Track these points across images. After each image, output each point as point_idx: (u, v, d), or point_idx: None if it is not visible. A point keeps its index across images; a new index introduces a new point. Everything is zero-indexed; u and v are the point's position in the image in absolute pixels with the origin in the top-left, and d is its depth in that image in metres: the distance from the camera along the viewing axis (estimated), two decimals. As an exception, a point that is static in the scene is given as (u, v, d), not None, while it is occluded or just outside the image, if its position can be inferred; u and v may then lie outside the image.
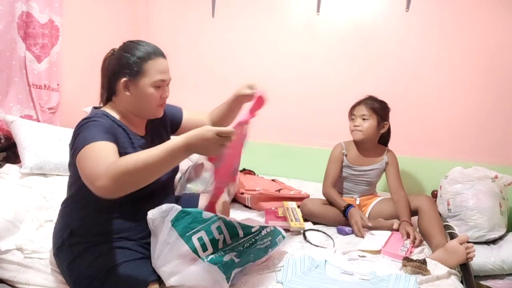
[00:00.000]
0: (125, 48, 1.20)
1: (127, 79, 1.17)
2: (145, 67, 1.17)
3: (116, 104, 1.24)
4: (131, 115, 1.25)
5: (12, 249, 1.33)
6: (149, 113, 1.26)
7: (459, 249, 1.36)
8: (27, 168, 1.70)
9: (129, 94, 1.19)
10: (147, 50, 1.18)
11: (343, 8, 2.39)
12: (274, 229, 1.32)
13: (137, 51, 1.17)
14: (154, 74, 1.18)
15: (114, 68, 1.20)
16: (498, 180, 1.94)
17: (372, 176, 1.89)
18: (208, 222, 1.14)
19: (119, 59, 1.19)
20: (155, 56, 1.19)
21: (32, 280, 1.25)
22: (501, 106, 2.14)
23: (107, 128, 1.10)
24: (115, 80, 1.20)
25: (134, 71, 1.16)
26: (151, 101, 1.21)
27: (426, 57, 2.25)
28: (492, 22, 2.10)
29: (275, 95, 2.60)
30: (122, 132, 1.19)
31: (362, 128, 1.80)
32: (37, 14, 1.92)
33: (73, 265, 1.14)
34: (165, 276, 1.08)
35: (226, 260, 1.12)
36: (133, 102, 1.21)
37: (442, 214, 1.92)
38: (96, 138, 1.03)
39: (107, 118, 1.17)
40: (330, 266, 1.28)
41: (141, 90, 1.18)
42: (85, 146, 1.02)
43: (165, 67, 1.22)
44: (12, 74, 1.89)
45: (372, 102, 1.82)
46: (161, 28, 2.85)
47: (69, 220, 1.20)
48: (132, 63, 1.16)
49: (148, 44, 1.21)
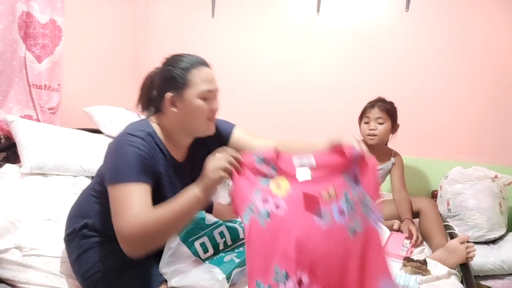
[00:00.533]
0: (167, 62, 1.14)
1: (173, 94, 1.09)
2: (189, 78, 1.09)
3: (163, 121, 1.15)
4: (178, 135, 1.15)
5: (11, 248, 1.33)
6: (199, 130, 1.15)
7: (460, 249, 1.36)
8: (27, 168, 1.70)
9: (176, 110, 1.10)
10: (190, 60, 1.12)
11: (343, 8, 2.39)
12: None
13: (180, 62, 1.11)
14: (199, 83, 1.10)
15: (159, 84, 1.13)
16: (498, 180, 1.94)
17: (378, 177, 1.89)
18: (211, 228, 1.14)
19: (162, 74, 1.13)
20: (198, 65, 1.12)
21: (33, 280, 1.25)
22: (501, 106, 2.14)
23: (146, 160, 1.03)
24: (160, 97, 1.12)
25: (178, 84, 1.09)
26: (200, 115, 1.11)
27: (426, 57, 2.25)
28: (492, 22, 2.10)
29: (275, 95, 2.61)
30: (162, 159, 1.11)
31: (378, 132, 1.80)
32: (37, 14, 1.92)
33: (84, 256, 1.12)
34: (168, 277, 1.09)
35: (226, 260, 1.12)
36: (181, 118, 1.11)
37: (442, 214, 1.92)
38: (131, 178, 0.98)
39: (152, 139, 1.09)
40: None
41: (189, 103, 1.09)
42: (118, 183, 0.98)
43: (211, 76, 1.14)
44: (12, 74, 1.89)
45: (385, 104, 1.82)
46: (161, 28, 2.85)
47: (86, 212, 1.18)
48: (175, 76, 1.09)
49: (190, 55, 1.15)
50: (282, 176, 0.94)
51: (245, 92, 2.68)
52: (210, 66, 1.16)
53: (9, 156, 1.87)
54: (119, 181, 0.98)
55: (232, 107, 2.73)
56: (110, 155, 1.05)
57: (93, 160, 1.88)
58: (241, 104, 2.70)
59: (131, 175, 0.99)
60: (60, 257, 1.30)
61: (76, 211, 1.23)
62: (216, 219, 1.17)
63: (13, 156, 1.87)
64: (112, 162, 1.03)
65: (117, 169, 1.00)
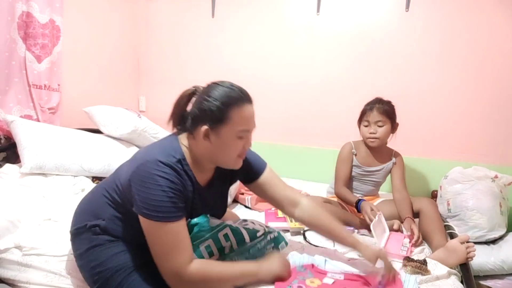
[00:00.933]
0: (208, 91, 1.07)
1: (208, 127, 1.05)
2: (229, 115, 1.04)
3: (193, 146, 1.11)
4: (206, 162, 1.13)
5: (11, 247, 1.33)
6: (227, 164, 1.14)
7: (460, 248, 1.36)
8: (27, 168, 1.70)
9: (209, 143, 1.07)
10: (233, 95, 1.06)
11: (343, 8, 2.39)
12: (278, 235, 1.32)
13: (221, 96, 1.05)
14: (239, 123, 1.06)
15: (195, 113, 1.08)
16: (498, 180, 1.94)
17: (379, 177, 1.90)
18: (215, 230, 1.14)
19: (200, 103, 1.07)
20: (242, 102, 1.07)
21: (33, 279, 1.24)
22: (501, 106, 2.14)
23: (180, 192, 1.02)
24: (195, 125, 1.08)
25: (217, 117, 1.04)
26: (231, 152, 1.10)
27: (425, 57, 2.25)
28: (492, 22, 2.10)
29: (275, 95, 2.62)
30: (190, 186, 1.09)
31: (379, 134, 1.80)
32: (37, 14, 1.93)
33: (93, 251, 1.11)
34: None
35: None
36: (212, 151, 1.09)
37: (442, 214, 1.92)
38: (172, 217, 0.99)
39: (181, 167, 1.06)
40: (330, 265, 1.28)
41: (223, 140, 1.06)
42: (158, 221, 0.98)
43: (250, 115, 1.10)
44: (12, 74, 1.89)
45: (383, 106, 1.80)
46: (161, 28, 2.85)
47: (98, 213, 1.15)
48: (214, 110, 1.04)
49: (233, 86, 1.09)
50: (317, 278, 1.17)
51: (245, 92, 2.67)
52: (252, 101, 1.12)
53: (9, 156, 1.87)
54: (164, 219, 0.99)
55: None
56: (142, 183, 1.00)
57: (93, 160, 1.88)
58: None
59: (174, 212, 1.00)
60: (60, 256, 1.30)
61: (88, 209, 1.20)
62: (219, 221, 1.17)
63: (13, 156, 1.87)
64: (147, 193, 0.99)
65: (156, 205, 0.98)
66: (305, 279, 1.16)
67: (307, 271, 1.21)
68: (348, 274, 1.20)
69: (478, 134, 2.20)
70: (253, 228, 1.24)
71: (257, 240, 1.23)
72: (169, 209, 0.99)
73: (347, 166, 1.88)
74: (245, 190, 2.12)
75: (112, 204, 1.14)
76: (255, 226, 1.26)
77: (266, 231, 1.27)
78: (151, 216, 0.99)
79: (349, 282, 1.16)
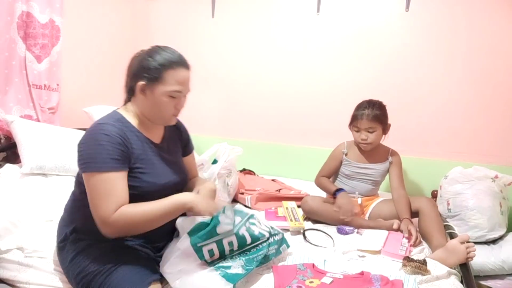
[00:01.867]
0: (150, 52, 1.18)
1: (145, 83, 1.16)
2: (164, 75, 1.15)
3: (134, 106, 1.23)
4: (146, 119, 1.23)
5: (13, 249, 1.33)
6: (161, 120, 1.25)
7: (460, 248, 1.35)
8: (27, 168, 1.70)
9: (144, 98, 1.18)
10: (170, 58, 1.16)
11: (343, 8, 2.39)
12: (282, 238, 1.32)
13: (160, 57, 1.15)
14: (172, 83, 1.16)
15: (135, 69, 1.18)
16: (498, 180, 1.94)
17: (377, 176, 1.90)
18: (221, 237, 1.15)
19: (141, 61, 1.17)
20: (177, 65, 1.17)
21: (33, 280, 1.24)
22: (501, 106, 2.14)
23: (119, 145, 1.10)
24: (134, 81, 1.18)
25: (153, 76, 1.15)
26: (164, 110, 1.19)
27: (425, 57, 2.25)
28: (492, 22, 2.10)
29: (274, 95, 2.62)
30: (136, 140, 1.18)
31: (370, 140, 1.80)
32: (37, 14, 1.93)
33: (75, 261, 1.14)
34: (171, 277, 1.09)
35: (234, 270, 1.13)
36: (147, 106, 1.19)
37: (442, 214, 1.92)
38: (105, 166, 1.06)
39: (121, 124, 1.16)
40: (330, 265, 1.28)
41: (156, 97, 1.16)
42: (93, 171, 1.06)
43: (185, 79, 1.19)
44: (12, 74, 1.89)
45: (373, 112, 1.78)
46: (161, 28, 2.85)
47: (74, 217, 1.21)
48: (152, 68, 1.14)
49: (173, 52, 1.19)
50: (316, 278, 1.17)
51: (244, 92, 2.68)
52: (190, 67, 1.22)
53: (9, 156, 1.87)
54: (97, 169, 1.06)
55: (232, 106, 2.74)
56: (83, 145, 1.10)
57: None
58: (240, 104, 2.70)
59: (108, 163, 1.06)
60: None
61: (64, 220, 1.25)
62: (228, 228, 1.16)
63: (13, 156, 1.87)
64: (87, 151, 1.08)
65: (93, 157, 1.07)
66: (305, 279, 1.16)
67: (307, 270, 1.21)
68: (347, 274, 1.20)
69: (478, 134, 2.20)
70: (259, 233, 1.24)
71: (259, 242, 1.23)
72: (104, 160, 1.06)
73: (334, 162, 1.92)
74: (245, 190, 2.12)
75: (80, 201, 1.18)
76: (262, 230, 1.26)
77: (272, 233, 1.27)
78: (87, 167, 1.07)
79: (348, 282, 1.16)
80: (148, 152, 1.20)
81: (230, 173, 1.96)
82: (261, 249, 1.21)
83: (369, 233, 1.60)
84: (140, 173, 1.15)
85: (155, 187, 1.16)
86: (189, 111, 1.36)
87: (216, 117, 2.80)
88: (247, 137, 2.65)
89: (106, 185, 1.05)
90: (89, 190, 1.08)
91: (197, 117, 2.82)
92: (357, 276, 1.19)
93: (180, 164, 1.36)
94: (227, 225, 1.16)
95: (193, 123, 2.93)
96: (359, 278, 1.17)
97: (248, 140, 2.63)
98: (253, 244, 1.22)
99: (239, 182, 2.12)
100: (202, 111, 2.77)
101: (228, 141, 2.07)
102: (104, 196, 1.05)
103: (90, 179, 1.07)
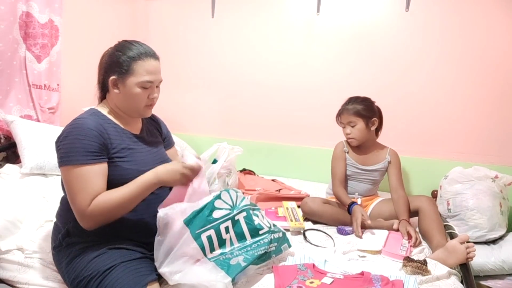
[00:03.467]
0: (118, 47, 1.22)
1: (116, 77, 1.19)
2: (133, 67, 1.18)
3: (108, 101, 1.27)
4: (122, 113, 1.26)
5: (13, 249, 1.33)
6: (136, 113, 1.27)
7: (460, 249, 1.35)
8: (27, 168, 1.70)
9: (117, 91, 1.21)
10: (139, 50, 1.20)
11: (343, 8, 2.38)
12: (283, 236, 1.32)
13: (129, 51, 1.19)
14: (142, 74, 1.19)
15: (106, 65, 1.22)
16: (498, 180, 1.94)
17: (376, 175, 1.90)
18: (218, 222, 1.17)
19: (111, 56, 1.22)
20: (146, 56, 1.20)
21: (32, 280, 1.25)
22: (501, 106, 2.14)
23: (96, 137, 1.12)
24: (106, 77, 1.22)
25: (123, 69, 1.18)
26: (137, 101, 1.22)
27: (426, 57, 2.25)
28: (492, 22, 2.10)
29: (274, 95, 2.61)
30: (113, 131, 1.21)
31: (353, 134, 1.83)
32: (37, 14, 1.92)
33: (71, 266, 1.14)
34: (168, 274, 1.07)
35: (233, 263, 1.13)
36: (121, 100, 1.23)
37: (442, 214, 1.92)
38: (81, 159, 1.08)
39: (97, 117, 1.19)
40: (330, 265, 1.28)
41: (128, 89, 1.20)
42: (68, 165, 1.08)
43: (155, 69, 1.22)
44: (12, 74, 1.89)
45: (353, 106, 1.82)
46: (161, 28, 2.85)
47: (64, 220, 1.21)
48: (122, 62, 1.18)
49: (141, 44, 1.23)
50: (316, 279, 1.18)
51: (244, 92, 2.67)
52: (158, 58, 1.25)
53: (9, 156, 1.87)
54: (73, 163, 1.08)
55: (232, 106, 2.73)
56: (60, 142, 1.13)
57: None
58: (240, 104, 2.70)
59: (84, 156, 1.09)
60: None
61: (56, 225, 1.26)
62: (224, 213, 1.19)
63: (13, 156, 1.87)
64: (63, 147, 1.10)
65: (68, 152, 1.09)
66: (305, 279, 1.16)
67: (308, 270, 1.21)
68: (347, 274, 1.20)
69: (478, 134, 2.20)
70: (258, 224, 1.24)
71: (259, 238, 1.23)
72: (79, 153, 1.08)
73: (341, 164, 1.90)
74: (245, 190, 2.12)
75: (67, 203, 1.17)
76: (261, 222, 1.26)
77: (271, 230, 1.27)
78: (63, 162, 1.09)
79: (348, 282, 1.16)
80: (126, 141, 1.23)
81: (230, 172, 1.96)
82: (262, 245, 1.21)
83: (370, 234, 1.60)
84: (120, 162, 1.17)
85: (137, 174, 1.16)
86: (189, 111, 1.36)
87: (216, 117, 2.79)
88: (247, 137, 2.65)
89: (81, 178, 1.07)
90: (66, 185, 1.10)
91: (197, 117, 2.82)
92: (358, 276, 1.19)
93: (162, 154, 1.38)
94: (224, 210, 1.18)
95: (193, 123, 2.95)
96: (359, 278, 1.17)
97: (248, 140, 2.63)
98: (252, 239, 1.22)
99: (239, 182, 2.11)
100: (202, 111, 2.76)
101: (228, 141, 2.06)
102: (79, 190, 1.07)
103: (66, 174, 1.10)
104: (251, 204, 1.30)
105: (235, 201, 1.26)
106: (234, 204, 1.25)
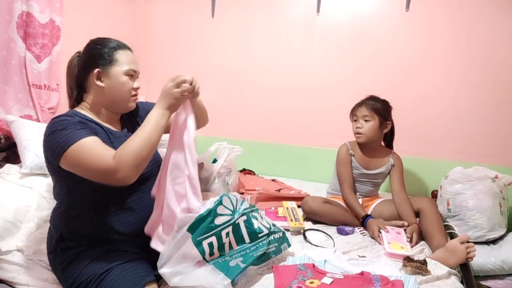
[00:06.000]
0: (95, 42, 1.25)
1: (100, 69, 1.19)
2: (116, 57, 1.20)
3: (87, 102, 1.24)
4: (104, 110, 1.24)
5: (13, 250, 1.33)
6: (122, 105, 1.25)
7: (460, 249, 1.35)
8: (27, 168, 1.70)
9: (102, 84, 1.20)
10: (116, 43, 1.25)
11: (343, 8, 2.39)
12: (283, 236, 1.32)
13: (108, 43, 1.23)
14: (126, 63, 1.21)
15: (85, 62, 1.22)
16: (498, 180, 1.94)
17: (379, 178, 1.90)
18: (220, 229, 1.15)
19: (89, 51, 1.23)
20: (124, 48, 1.25)
21: (32, 281, 1.25)
22: (501, 106, 2.14)
23: (82, 123, 1.11)
24: (86, 74, 1.21)
25: (106, 60, 1.19)
26: (125, 90, 1.22)
27: (426, 57, 2.25)
28: (492, 22, 2.10)
29: (274, 95, 2.61)
30: (97, 127, 1.19)
31: (364, 129, 1.80)
32: (37, 14, 1.92)
33: (68, 270, 1.13)
34: (168, 275, 1.08)
35: (232, 265, 1.13)
36: (106, 92, 1.20)
37: (442, 214, 1.92)
38: (79, 136, 1.04)
39: (77, 116, 1.15)
40: (330, 265, 1.28)
41: (114, 78, 1.20)
42: (71, 146, 1.03)
43: (134, 59, 1.25)
44: (12, 74, 1.89)
45: (374, 103, 1.81)
46: (161, 28, 2.85)
47: (58, 225, 1.20)
48: (103, 53, 1.20)
49: (115, 39, 1.28)
50: (316, 279, 1.17)
51: (244, 92, 2.68)
52: (133, 51, 1.29)
53: (9, 156, 1.87)
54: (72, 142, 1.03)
55: (232, 106, 2.73)
56: (46, 140, 1.09)
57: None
58: (240, 104, 2.70)
59: (79, 133, 1.05)
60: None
61: (50, 231, 1.25)
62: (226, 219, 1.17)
63: (13, 156, 1.87)
64: (53, 140, 1.06)
65: (61, 139, 1.04)
66: (305, 279, 1.16)
67: (308, 270, 1.21)
68: (347, 274, 1.21)
69: (478, 134, 2.20)
70: (258, 227, 1.24)
71: (258, 241, 1.23)
72: (73, 134, 1.04)
73: (347, 167, 1.87)
74: (245, 190, 2.12)
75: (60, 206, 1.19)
76: (261, 225, 1.26)
77: (271, 231, 1.27)
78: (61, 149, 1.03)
79: (348, 282, 1.16)
80: (110, 137, 1.20)
81: (230, 172, 1.96)
82: (261, 247, 1.21)
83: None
84: None
85: None
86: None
87: (215, 116, 2.77)
88: (247, 137, 2.65)
89: (89, 148, 1.03)
90: (77, 163, 1.04)
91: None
92: (358, 276, 1.19)
93: None
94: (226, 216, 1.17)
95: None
96: (359, 278, 1.17)
97: (248, 140, 2.63)
98: (251, 239, 1.21)
99: (239, 182, 2.11)
100: (202, 111, 2.76)
101: (228, 140, 2.07)
102: (94, 157, 1.02)
103: (71, 156, 1.03)
104: (250, 206, 1.29)
105: (235, 206, 1.24)
106: (235, 209, 1.23)
